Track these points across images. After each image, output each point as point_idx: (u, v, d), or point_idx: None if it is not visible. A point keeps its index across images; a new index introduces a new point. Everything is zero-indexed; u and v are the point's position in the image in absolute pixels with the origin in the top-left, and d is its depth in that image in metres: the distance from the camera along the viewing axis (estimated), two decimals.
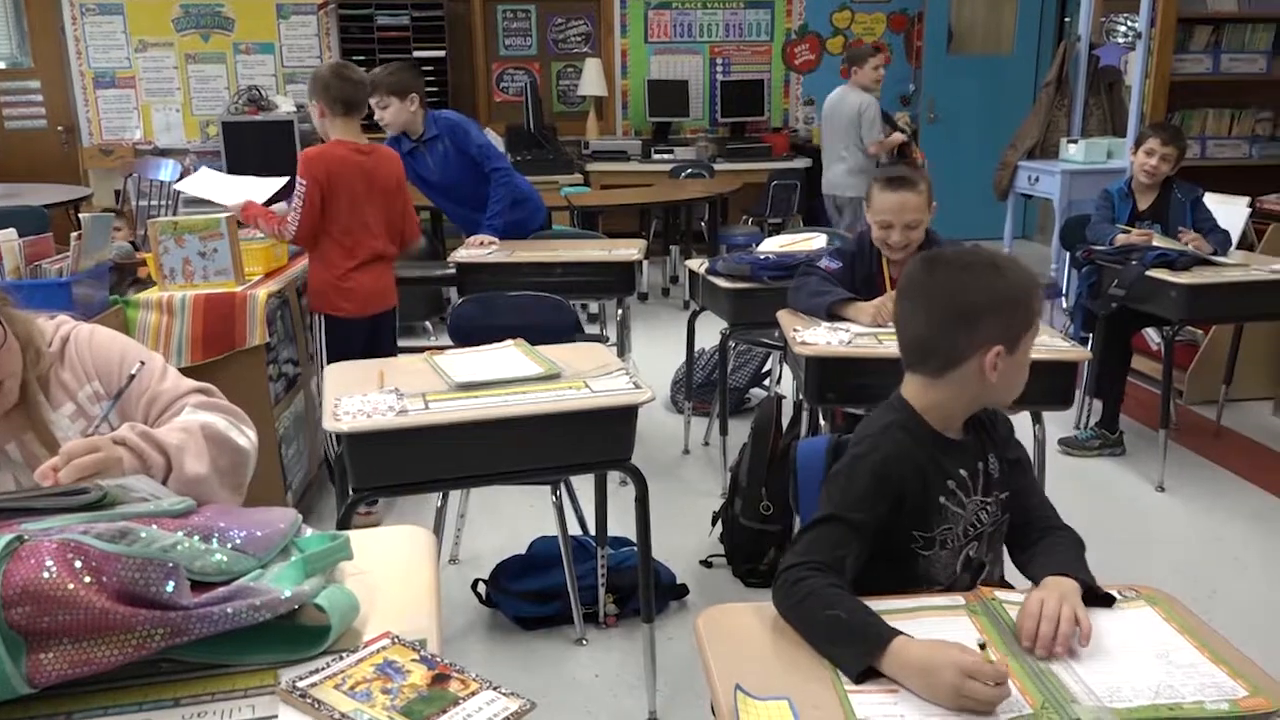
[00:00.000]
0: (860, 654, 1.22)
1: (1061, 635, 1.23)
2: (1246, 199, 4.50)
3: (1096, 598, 1.36)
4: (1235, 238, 4.07)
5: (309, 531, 1.33)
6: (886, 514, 1.46)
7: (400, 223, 3.41)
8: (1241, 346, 4.23)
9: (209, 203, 3.59)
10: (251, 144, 6.65)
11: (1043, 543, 1.51)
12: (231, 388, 2.93)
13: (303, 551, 1.26)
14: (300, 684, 1.08)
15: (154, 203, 5.87)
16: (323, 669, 1.11)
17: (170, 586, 1.06)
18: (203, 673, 1.12)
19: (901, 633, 1.23)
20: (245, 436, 1.56)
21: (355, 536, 1.36)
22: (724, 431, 3.71)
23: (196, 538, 1.15)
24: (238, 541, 1.19)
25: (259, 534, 1.22)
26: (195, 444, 1.44)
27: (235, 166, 6.62)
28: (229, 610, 1.08)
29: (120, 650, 1.04)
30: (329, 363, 3.28)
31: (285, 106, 6.91)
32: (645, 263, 5.42)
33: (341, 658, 1.13)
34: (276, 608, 1.12)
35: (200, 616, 1.07)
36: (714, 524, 3.20)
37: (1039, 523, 1.56)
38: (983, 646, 1.20)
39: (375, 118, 3.78)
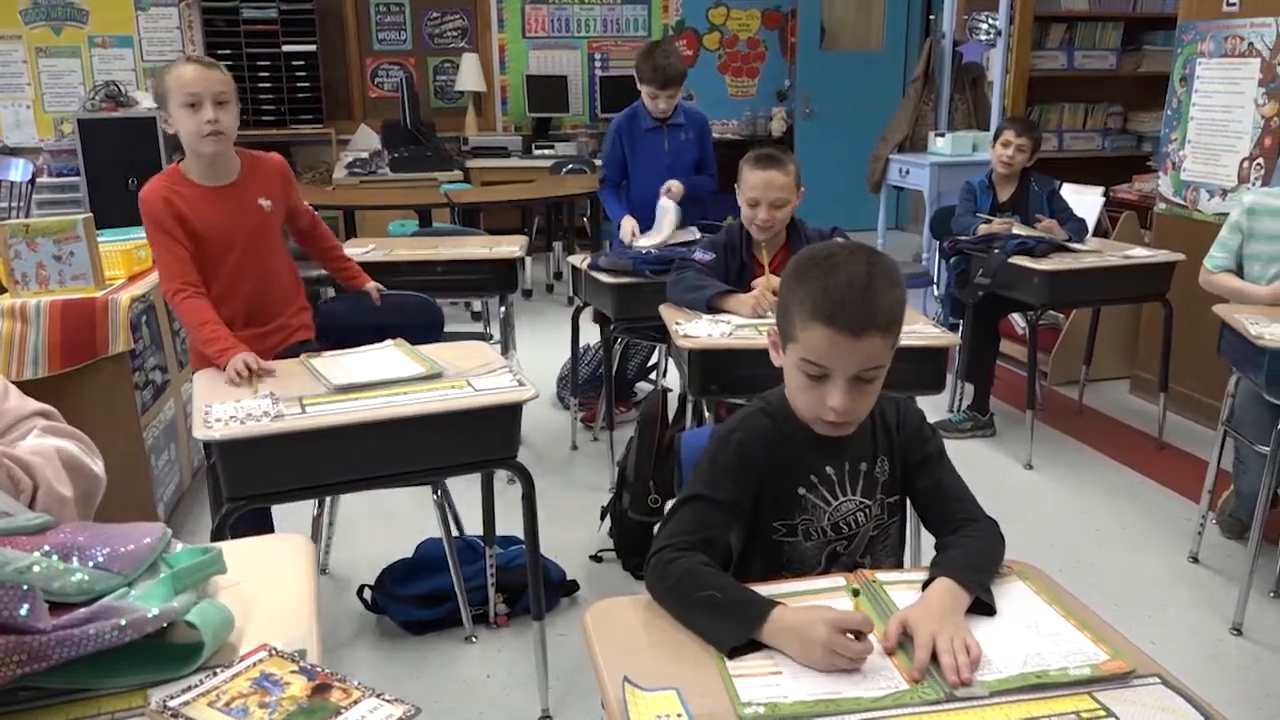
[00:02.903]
0: (739, 629, 1.24)
1: (961, 666, 1.18)
2: (1101, 189, 4.74)
3: (980, 603, 1.32)
4: (1091, 226, 4.28)
5: (179, 546, 1.28)
6: (750, 496, 1.46)
7: None
8: (1099, 329, 4.46)
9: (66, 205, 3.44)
10: (111, 142, 6.35)
11: (953, 537, 1.47)
12: (95, 397, 2.86)
13: (172, 567, 1.20)
14: (171, 703, 1.04)
15: (4, 204, 5.57)
16: (196, 686, 1.07)
17: (24, 610, 1.00)
18: (65, 698, 1.07)
19: (780, 603, 1.26)
20: (96, 464, 1.50)
21: (229, 548, 1.32)
22: (610, 426, 3.72)
23: (55, 557, 1.09)
24: (100, 559, 1.13)
25: (123, 550, 1.16)
26: (54, 468, 1.38)
27: (93, 165, 6.34)
28: (91, 631, 1.03)
29: None
30: None
31: (146, 103, 6.61)
32: (528, 259, 5.40)
33: (216, 673, 1.09)
34: (143, 627, 1.07)
35: (60, 640, 1.01)
36: (603, 519, 3.21)
37: (955, 515, 1.50)
38: (855, 594, 1.25)
39: (664, 105, 3.91)
